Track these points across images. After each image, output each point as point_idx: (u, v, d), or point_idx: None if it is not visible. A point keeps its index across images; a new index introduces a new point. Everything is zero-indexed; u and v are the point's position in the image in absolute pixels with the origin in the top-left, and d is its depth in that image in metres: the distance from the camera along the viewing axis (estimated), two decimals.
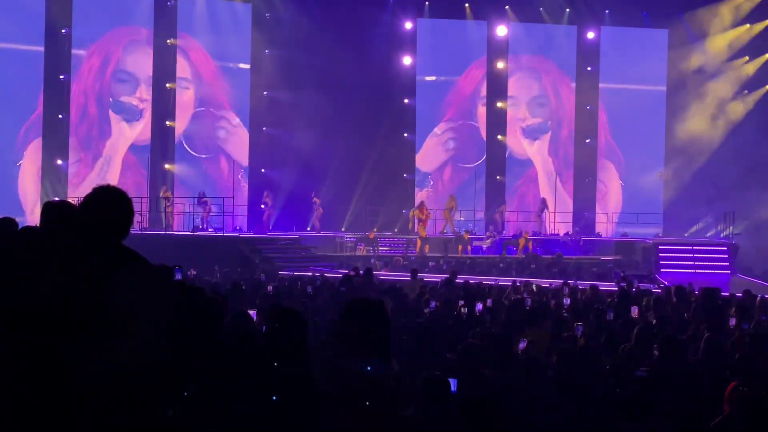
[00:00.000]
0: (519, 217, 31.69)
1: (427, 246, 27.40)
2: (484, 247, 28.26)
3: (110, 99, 29.80)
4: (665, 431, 6.21)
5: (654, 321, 10.68)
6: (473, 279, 18.24)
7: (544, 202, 30.85)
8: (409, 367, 7.56)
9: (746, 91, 31.88)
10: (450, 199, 29.52)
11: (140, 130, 30.25)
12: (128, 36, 30.19)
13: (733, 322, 10.75)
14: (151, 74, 30.06)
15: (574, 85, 33.84)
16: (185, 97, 31.08)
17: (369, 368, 6.14)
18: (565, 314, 11.49)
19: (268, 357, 4.62)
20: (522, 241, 27.72)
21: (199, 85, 31.42)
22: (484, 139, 33.60)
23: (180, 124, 30.79)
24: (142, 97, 30.20)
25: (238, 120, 32.05)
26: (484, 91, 33.61)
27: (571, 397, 6.99)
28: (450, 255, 26.46)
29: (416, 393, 5.97)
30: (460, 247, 27.77)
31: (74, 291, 3.26)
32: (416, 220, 27.99)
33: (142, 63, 30.20)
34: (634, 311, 11.19)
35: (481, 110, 33.71)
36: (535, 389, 7.37)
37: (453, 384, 5.78)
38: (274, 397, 4.40)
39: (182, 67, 30.82)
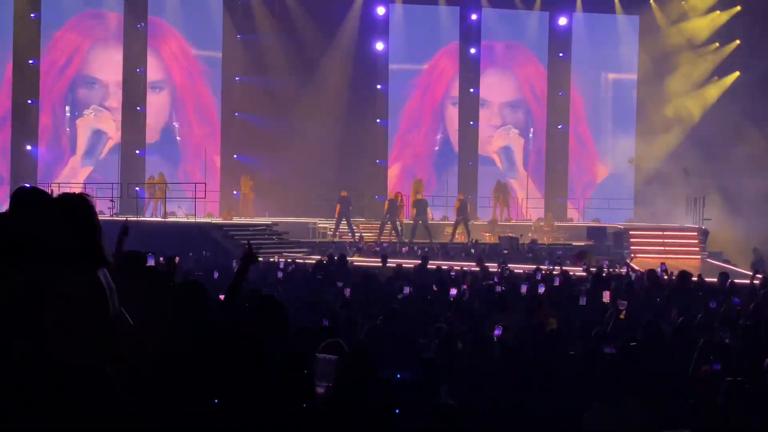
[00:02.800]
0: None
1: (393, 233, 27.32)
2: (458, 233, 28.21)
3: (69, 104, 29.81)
4: (637, 411, 6.27)
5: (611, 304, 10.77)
6: (445, 264, 18.29)
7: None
8: (383, 352, 7.58)
9: (716, 78, 32.09)
10: (416, 183, 29.12)
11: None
12: (95, 28, 29.91)
13: (713, 305, 10.89)
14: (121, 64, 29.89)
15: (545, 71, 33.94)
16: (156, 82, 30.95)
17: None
18: (539, 299, 11.55)
19: (249, 343, 4.61)
20: (457, 204, 27.28)
21: (170, 71, 31.22)
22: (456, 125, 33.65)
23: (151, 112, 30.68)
24: (111, 105, 30.15)
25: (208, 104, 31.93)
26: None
27: (544, 379, 7.04)
28: (417, 240, 26.30)
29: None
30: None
31: None
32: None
33: (110, 65, 30.05)
34: (606, 296, 11.26)
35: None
36: (510, 372, 7.42)
37: None
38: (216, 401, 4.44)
39: (153, 54, 30.68)
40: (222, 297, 8.77)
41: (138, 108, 29.99)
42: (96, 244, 3.90)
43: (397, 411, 5.24)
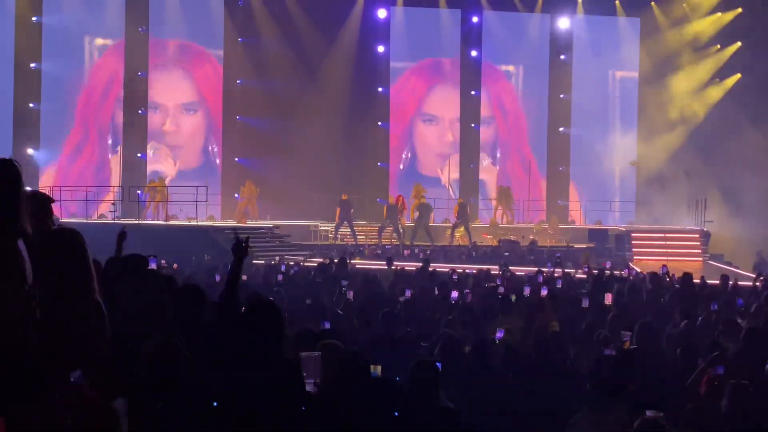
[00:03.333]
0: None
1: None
2: (458, 235, 28.10)
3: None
4: (623, 417, 6.23)
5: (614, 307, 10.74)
6: (446, 267, 18.28)
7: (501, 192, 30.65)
8: (386, 356, 7.56)
9: (717, 80, 32.09)
10: (417, 187, 29.04)
11: None
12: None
13: (714, 307, 10.86)
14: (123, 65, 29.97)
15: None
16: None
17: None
18: (540, 302, 11.53)
19: (244, 348, 4.59)
20: (456, 208, 27.33)
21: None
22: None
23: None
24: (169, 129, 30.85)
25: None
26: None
27: (546, 382, 7.03)
28: (417, 243, 26.33)
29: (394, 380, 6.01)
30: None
31: None
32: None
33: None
34: (608, 298, 11.24)
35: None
36: (512, 375, 7.41)
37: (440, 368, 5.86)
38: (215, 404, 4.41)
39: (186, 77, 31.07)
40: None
41: (140, 111, 29.98)
42: (17, 212, 3.77)
43: (396, 414, 5.23)
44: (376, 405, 5.17)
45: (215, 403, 4.42)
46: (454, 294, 11.55)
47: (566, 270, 17.16)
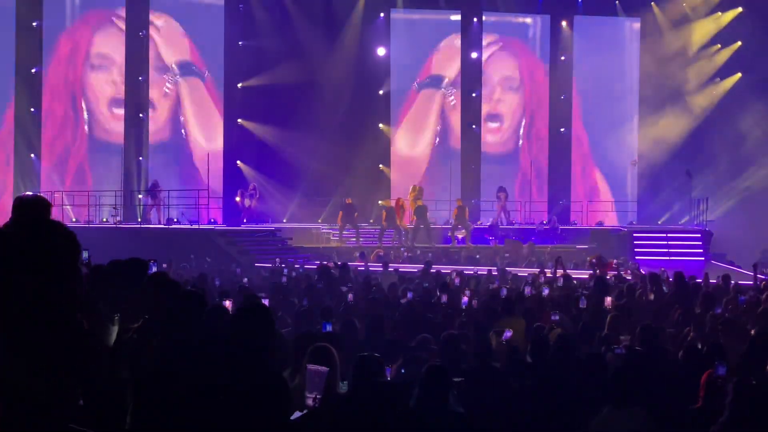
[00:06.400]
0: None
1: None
2: (460, 236, 28.04)
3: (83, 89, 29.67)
4: (640, 417, 6.24)
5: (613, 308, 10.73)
6: (448, 269, 18.28)
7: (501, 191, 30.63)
8: (390, 357, 7.57)
9: (718, 79, 32.08)
10: (415, 189, 28.97)
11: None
12: (97, 18, 30.00)
13: (718, 311, 10.83)
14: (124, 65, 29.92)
15: (548, 69, 33.82)
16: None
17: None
18: (542, 303, 11.55)
19: (235, 354, 4.51)
20: (455, 211, 27.57)
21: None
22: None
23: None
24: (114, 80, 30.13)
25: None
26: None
27: (546, 384, 7.04)
28: (418, 244, 26.40)
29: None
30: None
31: None
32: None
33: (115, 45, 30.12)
34: (608, 301, 11.24)
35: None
36: (514, 377, 7.42)
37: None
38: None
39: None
40: (226, 303, 8.79)
41: (140, 115, 29.95)
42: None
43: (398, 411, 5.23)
44: (387, 407, 5.17)
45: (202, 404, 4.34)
46: (464, 300, 11.58)
47: (568, 271, 17.16)
